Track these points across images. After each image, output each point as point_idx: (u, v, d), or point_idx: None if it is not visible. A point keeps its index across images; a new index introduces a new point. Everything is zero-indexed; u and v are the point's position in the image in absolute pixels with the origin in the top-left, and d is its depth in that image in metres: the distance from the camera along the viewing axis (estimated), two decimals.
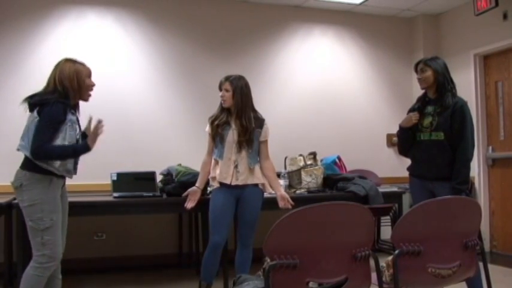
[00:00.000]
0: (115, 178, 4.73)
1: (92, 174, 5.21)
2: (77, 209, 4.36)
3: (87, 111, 3.47)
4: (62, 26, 5.47)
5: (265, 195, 4.22)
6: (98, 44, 5.57)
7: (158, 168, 4.87)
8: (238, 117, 3.96)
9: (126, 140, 5.55)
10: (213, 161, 4.05)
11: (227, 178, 3.92)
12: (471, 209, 2.58)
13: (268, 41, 6.25)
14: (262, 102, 6.12)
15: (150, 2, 5.82)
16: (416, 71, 3.86)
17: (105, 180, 4.87)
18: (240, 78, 4.05)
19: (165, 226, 5.57)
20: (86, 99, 3.41)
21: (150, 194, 4.55)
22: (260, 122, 4.06)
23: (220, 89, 4.03)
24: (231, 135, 3.95)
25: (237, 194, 3.96)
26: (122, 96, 5.59)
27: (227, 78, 4.02)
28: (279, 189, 4.13)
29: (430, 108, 3.78)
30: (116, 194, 4.61)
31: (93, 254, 5.39)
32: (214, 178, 4.01)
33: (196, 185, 4.14)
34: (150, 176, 4.77)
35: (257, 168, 4.01)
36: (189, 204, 4.10)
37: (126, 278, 5.13)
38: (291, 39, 6.35)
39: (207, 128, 4.09)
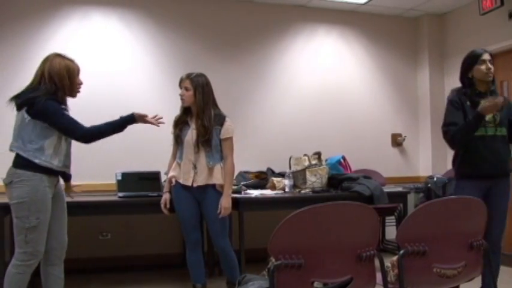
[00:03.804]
0: (120, 178, 4.75)
1: (97, 174, 5.24)
2: (82, 209, 4.39)
3: (92, 110, 3.49)
4: (67, 26, 5.49)
5: (267, 195, 4.20)
6: (102, 44, 5.59)
7: (163, 168, 4.87)
8: (198, 117, 3.81)
9: (130, 139, 5.54)
10: (175, 163, 3.98)
11: (188, 180, 3.84)
12: (476, 209, 2.57)
13: (272, 41, 6.25)
14: (266, 102, 6.17)
15: (155, 2, 5.83)
16: (476, 61, 3.67)
17: (110, 180, 4.89)
18: (201, 75, 3.90)
19: (169, 226, 5.56)
20: (74, 96, 3.38)
21: (155, 194, 4.55)
22: (221, 119, 3.87)
23: (180, 87, 3.89)
24: (190, 135, 3.85)
25: (198, 196, 3.87)
26: (127, 95, 5.60)
27: (188, 76, 3.87)
28: (224, 195, 3.83)
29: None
30: (120, 194, 4.62)
31: (98, 254, 5.41)
32: (173, 176, 3.93)
33: (165, 190, 4.05)
34: (155, 175, 4.79)
35: (217, 167, 3.84)
36: (165, 211, 4.02)
37: (131, 278, 5.14)
38: (295, 39, 6.35)
39: (171, 130, 4.02)
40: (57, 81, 3.22)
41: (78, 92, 3.40)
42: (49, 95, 3.17)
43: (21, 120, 3.18)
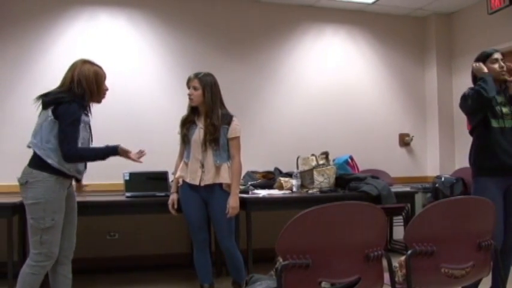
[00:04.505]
0: (127, 178, 4.76)
1: (105, 174, 5.24)
2: (90, 209, 4.41)
3: (98, 110, 3.50)
4: (74, 27, 5.51)
5: (275, 195, 4.20)
6: (110, 44, 5.61)
7: (170, 168, 4.88)
8: (207, 116, 3.83)
9: (138, 139, 5.54)
10: (182, 162, 3.99)
11: (196, 179, 3.84)
12: (485, 209, 2.56)
13: (280, 41, 6.25)
14: (274, 102, 6.17)
15: (162, 2, 5.84)
16: (488, 60, 3.70)
17: (118, 180, 4.90)
18: (209, 75, 3.92)
19: (177, 226, 5.57)
20: (99, 102, 3.46)
21: (163, 194, 4.55)
22: (228, 118, 3.89)
23: (188, 87, 3.90)
24: (197, 134, 3.86)
25: (205, 195, 3.88)
26: (134, 95, 5.63)
27: (196, 75, 3.88)
28: (232, 194, 3.85)
29: (500, 98, 3.66)
30: (128, 194, 4.64)
31: (105, 254, 5.42)
32: (180, 176, 3.95)
33: (172, 190, 4.08)
34: (163, 175, 4.79)
35: (224, 166, 3.85)
36: (173, 211, 4.04)
37: (138, 278, 5.15)
38: (303, 38, 6.35)
39: (178, 130, 4.03)
40: (86, 86, 3.28)
41: (103, 98, 3.46)
42: (77, 98, 3.22)
43: (44, 119, 3.21)
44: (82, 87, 3.26)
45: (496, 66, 3.65)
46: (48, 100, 3.22)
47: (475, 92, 3.56)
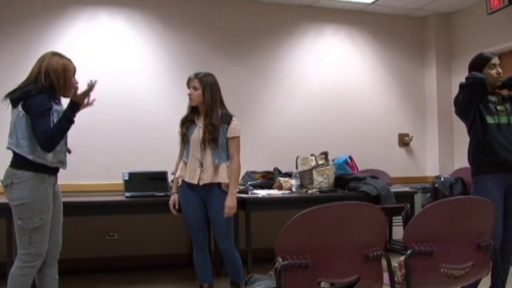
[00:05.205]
0: (127, 178, 4.77)
1: (104, 174, 5.26)
2: (90, 209, 4.41)
3: (99, 110, 3.48)
4: (74, 27, 5.51)
5: (274, 195, 4.19)
6: (109, 44, 5.60)
7: (170, 168, 4.89)
8: (207, 116, 3.84)
9: (137, 139, 5.57)
10: (181, 162, 3.99)
11: (194, 178, 3.84)
12: (484, 209, 2.57)
13: (279, 41, 6.25)
14: (273, 102, 6.17)
15: (162, 2, 5.84)
16: (486, 65, 3.71)
17: (117, 180, 4.90)
18: (209, 75, 3.92)
19: (176, 226, 5.57)
20: (67, 96, 3.29)
21: (162, 194, 4.56)
22: (228, 118, 3.89)
23: (188, 87, 3.91)
24: (196, 133, 3.86)
25: (204, 195, 3.87)
26: (133, 95, 5.62)
27: (196, 75, 3.89)
28: (229, 194, 3.84)
29: (493, 98, 3.70)
30: (128, 194, 4.64)
31: (105, 254, 5.42)
32: (180, 176, 3.95)
33: (172, 191, 4.08)
34: (162, 175, 4.80)
35: (223, 165, 3.85)
36: (174, 211, 4.04)
37: (138, 278, 5.15)
38: (302, 39, 6.35)
39: (178, 129, 4.02)
40: (54, 79, 3.20)
41: (71, 92, 3.31)
42: (45, 89, 3.15)
43: (16, 116, 3.14)
44: (50, 80, 3.18)
45: (494, 72, 3.68)
46: (15, 97, 3.15)
47: (466, 80, 3.64)
